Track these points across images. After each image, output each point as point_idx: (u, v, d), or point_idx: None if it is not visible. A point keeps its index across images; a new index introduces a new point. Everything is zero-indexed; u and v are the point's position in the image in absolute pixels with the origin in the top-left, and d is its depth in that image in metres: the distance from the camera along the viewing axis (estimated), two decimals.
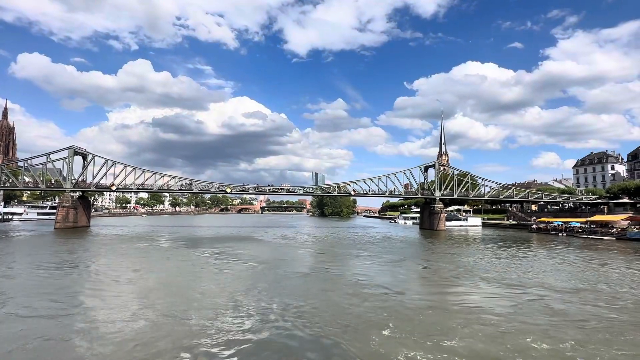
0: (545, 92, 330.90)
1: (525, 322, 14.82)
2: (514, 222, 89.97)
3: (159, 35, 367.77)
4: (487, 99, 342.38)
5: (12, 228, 67.90)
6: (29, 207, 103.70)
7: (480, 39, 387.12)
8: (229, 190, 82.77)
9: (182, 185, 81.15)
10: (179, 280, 22.61)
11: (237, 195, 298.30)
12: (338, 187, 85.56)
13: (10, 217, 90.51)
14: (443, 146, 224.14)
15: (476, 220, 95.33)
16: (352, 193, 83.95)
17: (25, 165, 75.70)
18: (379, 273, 26.13)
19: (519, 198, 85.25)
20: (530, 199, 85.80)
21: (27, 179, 76.70)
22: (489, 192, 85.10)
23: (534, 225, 72.40)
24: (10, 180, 73.81)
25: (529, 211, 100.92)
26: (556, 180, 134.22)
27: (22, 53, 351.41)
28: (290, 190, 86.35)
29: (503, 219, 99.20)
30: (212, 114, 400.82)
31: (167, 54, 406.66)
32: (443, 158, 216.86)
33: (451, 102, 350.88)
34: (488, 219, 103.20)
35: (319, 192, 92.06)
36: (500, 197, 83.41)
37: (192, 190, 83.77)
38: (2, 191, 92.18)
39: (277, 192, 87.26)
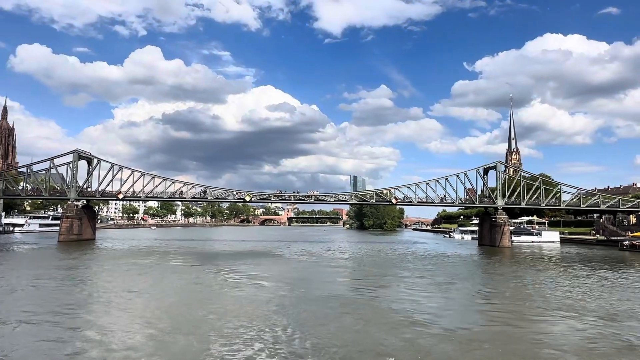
0: None
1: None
2: (603, 238, 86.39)
3: (169, 17, 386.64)
4: (573, 81, 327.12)
5: (13, 241, 74.77)
6: (30, 217, 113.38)
7: (562, 5, 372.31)
8: (248, 199, 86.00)
9: (195, 193, 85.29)
10: (182, 303, 24.70)
11: (261, 204, 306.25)
12: (377, 194, 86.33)
13: (11, 228, 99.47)
14: (513, 142, 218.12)
15: (552, 235, 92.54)
16: (393, 201, 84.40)
17: (28, 171, 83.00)
18: (413, 297, 26.80)
19: (607, 207, 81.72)
20: (622, 208, 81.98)
21: (28, 186, 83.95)
22: (569, 199, 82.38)
23: (627, 242, 69.45)
24: (12, 187, 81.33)
25: (624, 223, 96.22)
26: None
27: (22, 44, 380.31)
28: (319, 198, 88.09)
29: (589, 233, 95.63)
30: (230, 107, 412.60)
31: (179, 39, 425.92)
32: (513, 157, 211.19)
33: (525, 86, 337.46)
34: (569, 233, 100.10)
35: (354, 200, 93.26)
36: (582, 205, 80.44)
37: (206, 198, 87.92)
38: (1, 200, 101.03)
39: (303, 200, 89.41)
